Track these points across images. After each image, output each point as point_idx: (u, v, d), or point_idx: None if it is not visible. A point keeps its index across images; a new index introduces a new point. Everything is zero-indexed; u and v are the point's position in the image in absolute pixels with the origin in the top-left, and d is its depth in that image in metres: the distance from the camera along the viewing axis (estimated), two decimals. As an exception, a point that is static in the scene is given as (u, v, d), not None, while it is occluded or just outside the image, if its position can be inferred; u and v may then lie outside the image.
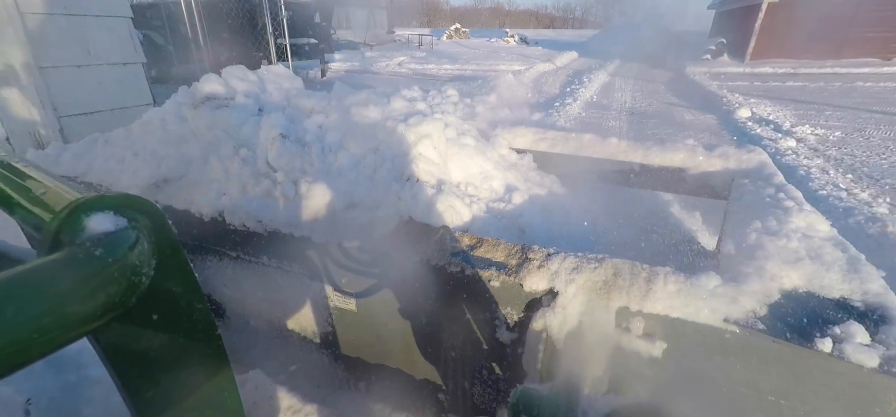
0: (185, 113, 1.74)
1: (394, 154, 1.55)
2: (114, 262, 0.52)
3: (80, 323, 0.48)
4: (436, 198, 1.44)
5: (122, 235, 0.56)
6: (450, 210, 1.43)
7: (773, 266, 1.09)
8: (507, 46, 27.59)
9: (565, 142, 2.24)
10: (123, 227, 0.57)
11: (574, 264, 1.11)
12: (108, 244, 0.53)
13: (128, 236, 0.56)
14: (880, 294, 1.02)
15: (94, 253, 0.50)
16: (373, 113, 1.69)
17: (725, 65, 15.94)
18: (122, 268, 0.53)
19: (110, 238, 0.54)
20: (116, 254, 0.53)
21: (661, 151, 2.07)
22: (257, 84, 2.00)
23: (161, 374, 0.68)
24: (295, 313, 1.60)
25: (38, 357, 0.45)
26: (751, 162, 1.91)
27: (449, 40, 33.92)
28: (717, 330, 0.96)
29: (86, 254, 0.50)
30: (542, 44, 29.49)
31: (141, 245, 0.57)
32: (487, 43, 30.32)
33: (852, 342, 0.88)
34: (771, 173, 1.76)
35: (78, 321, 0.47)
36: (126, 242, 0.55)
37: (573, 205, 1.97)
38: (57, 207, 0.57)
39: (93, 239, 0.52)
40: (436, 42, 30.10)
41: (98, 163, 1.86)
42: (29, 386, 1.65)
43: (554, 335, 1.07)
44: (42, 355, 0.45)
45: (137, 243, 0.56)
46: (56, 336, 0.45)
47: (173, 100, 1.89)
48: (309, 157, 1.53)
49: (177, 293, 0.67)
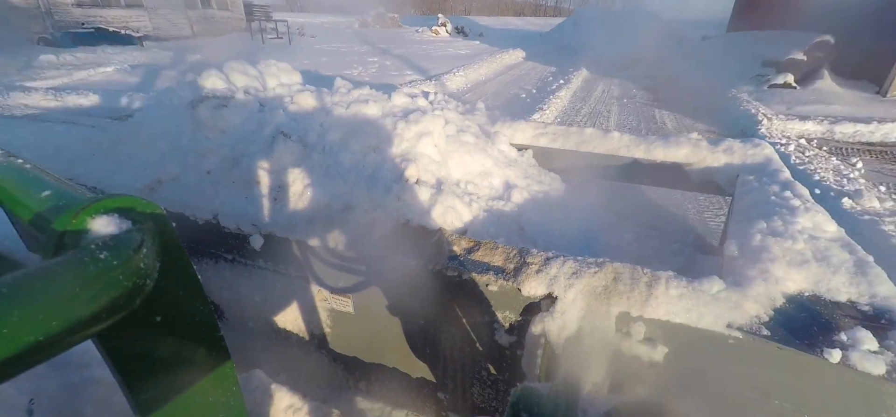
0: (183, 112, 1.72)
1: (394, 152, 1.53)
2: (119, 265, 0.51)
3: (86, 326, 0.48)
4: (436, 198, 1.42)
5: (126, 237, 0.55)
6: (450, 211, 1.40)
7: (779, 269, 1.07)
8: (434, 38, 19.56)
9: (566, 138, 2.20)
10: (128, 229, 0.57)
11: (573, 268, 1.09)
12: (113, 246, 0.52)
13: (132, 238, 0.56)
14: (889, 297, 0.99)
15: (99, 256, 0.50)
16: (373, 110, 1.67)
17: (836, 101, 6.71)
18: (127, 271, 0.53)
19: (115, 240, 0.54)
20: (121, 257, 0.52)
21: (664, 147, 2.03)
22: (258, 79, 1.98)
23: (164, 375, 0.69)
24: (294, 315, 1.59)
25: (43, 360, 0.45)
26: (756, 157, 1.87)
27: (359, 29, 23.95)
28: (721, 336, 0.94)
29: (91, 257, 0.49)
30: (489, 34, 21.66)
31: (145, 247, 0.57)
32: (405, 34, 20.99)
33: (860, 349, 0.85)
34: (777, 169, 1.72)
35: (83, 324, 0.47)
36: (131, 245, 0.55)
37: (573, 203, 1.95)
38: (61, 209, 0.57)
39: (98, 242, 0.52)
40: (312, 33, 18.94)
41: (95, 164, 1.85)
42: (32, 386, 1.66)
43: (553, 340, 1.06)
44: (47, 357, 0.45)
45: (142, 245, 0.56)
46: (61, 339, 0.45)
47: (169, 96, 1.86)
48: (309, 160, 1.50)
49: (180, 294, 0.67)
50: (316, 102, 1.76)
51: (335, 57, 12.26)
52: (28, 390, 1.65)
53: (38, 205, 0.64)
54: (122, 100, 4.63)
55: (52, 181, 0.68)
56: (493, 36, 20.95)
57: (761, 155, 1.88)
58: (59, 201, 0.63)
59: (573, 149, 2.16)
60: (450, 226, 1.40)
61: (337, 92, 1.85)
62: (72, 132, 3.19)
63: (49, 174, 0.73)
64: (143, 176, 1.64)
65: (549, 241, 1.57)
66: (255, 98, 1.73)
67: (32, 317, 0.42)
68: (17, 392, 1.65)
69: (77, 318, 0.46)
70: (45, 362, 0.45)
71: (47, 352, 0.45)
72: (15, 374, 0.43)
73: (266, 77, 2.06)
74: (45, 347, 0.44)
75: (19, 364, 0.42)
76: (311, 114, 1.67)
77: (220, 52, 11.92)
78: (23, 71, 8.44)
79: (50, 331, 0.43)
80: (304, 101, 1.73)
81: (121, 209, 0.59)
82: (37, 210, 0.63)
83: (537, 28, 27.36)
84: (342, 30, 23.26)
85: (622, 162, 2.10)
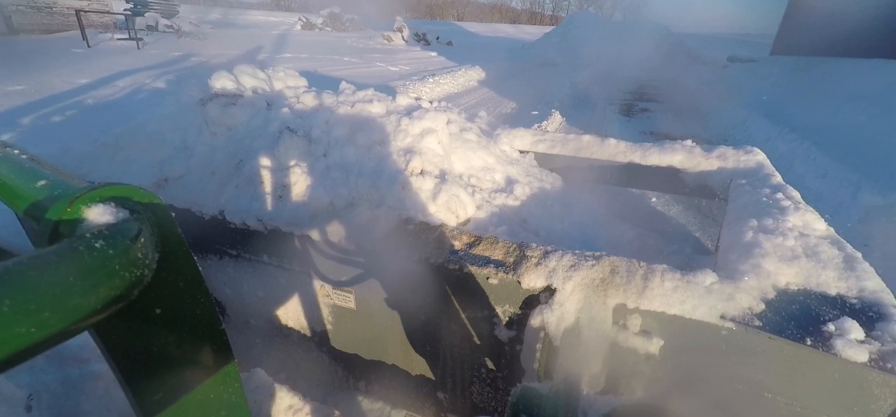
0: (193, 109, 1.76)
1: (399, 146, 1.57)
2: (115, 255, 0.50)
3: (81, 317, 0.46)
4: (440, 187, 1.46)
5: (123, 227, 0.54)
6: (454, 199, 1.44)
7: (770, 263, 1.10)
8: (388, 46, 15.72)
9: (564, 144, 2.25)
10: (125, 219, 0.55)
11: (571, 262, 1.12)
12: (110, 236, 0.50)
13: (130, 228, 0.54)
14: (876, 291, 1.02)
15: (94, 244, 0.48)
16: (378, 108, 1.72)
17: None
18: (124, 261, 0.51)
19: (112, 230, 0.52)
20: (118, 247, 0.50)
21: (659, 153, 2.08)
22: (266, 81, 2.03)
23: (164, 369, 0.67)
24: (296, 312, 1.61)
25: (37, 352, 0.43)
26: (749, 162, 1.92)
27: (301, 31, 19.64)
28: (714, 326, 0.97)
29: (86, 246, 0.48)
30: (464, 43, 18.59)
31: (143, 237, 0.55)
32: (348, 41, 16.89)
33: (847, 338, 0.88)
34: (769, 174, 1.77)
35: (78, 315, 0.45)
36: (128, 234, 0.53)
37: (574, 200, 1.99)
38: (56, 198, 0.55)
39: (93, 231, 0.50)
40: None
41: (101, 164, 1.87)
42: (30, 381, 1.66)
43: (552, 332, 1.08)
44: (41, 349, 0.44)
45: (140, 235, 0.55)
46: (55, 330, 0.43)
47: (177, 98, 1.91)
48: (315, 154, 1.54)
49: (180, 287, 0.66)
50: (321, 101, 1.81)
51: (182, 72, 7.98)
52: (27, 385, 1.65)
53: (33, 194, 0.62)
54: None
55: (47, 171, 0.67)
56: (467, 46, 17.68)
57: (753, 160, 1.93)
58: (54, 190, 0.61)
59: (571, 155, 2.22)
60: (454, 215, 1.43)
61: (342, 93, 1.91)
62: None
63: (45, 164, 0.72)
64: (150, 174, 1.67)
65: (550, 235, 1.61)
66: (263, 96, 1.78)
67: (24, 307, 0.40)
68: (16, 387, 1.65)
69: (72, 309, 0.45)
70: (39, 354, 0.44)
71: (41, 345, 0.43)
72: (8, 367, 0.41)
73: (273, 80, 2.12)
74: (37, 338, 0.42)
75: (13, 356, 0.40)
76: (316, 110, 1.71)
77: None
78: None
79: (43, 322, 0.42)
80: (310, 100, 1.78)
81: (117, 198, 0.57)
82: (32, 199, 0.62)
83: (529, 36, 24.29)
84: (267, 31, 18.25)
85: (619, 167, 2.15)
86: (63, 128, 4.78)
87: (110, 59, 9.27)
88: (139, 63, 8.94)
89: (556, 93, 8.22)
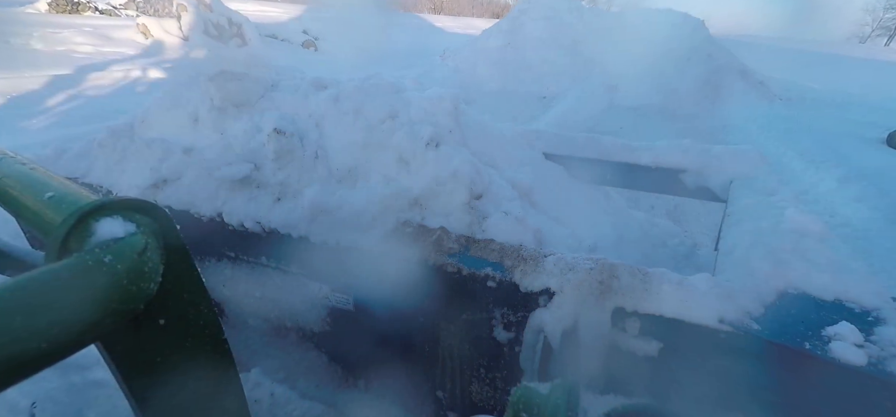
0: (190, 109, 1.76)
1: (411, 119, 1.57)
2: (123, 269, 0.51)
3: (89, 332, 0.47)
4: (452, 158, 1.45)
5: (130, 241, 0.55)
6: (466, 164, 1.43)
7: (769, 266, 1.10)
8: (131, 49, 7.62)
9: (560, 144, 2.25)
10: (132, 232, 0.56)
11: (569, 264, 1.12)
12: (118, 250, 0.52)
13: (137, 242, 0.55)
14: (874, 295, 1.03)
15: (103, 259, 0.50)
16: (386, 84, 1.72)
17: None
18: (132, 275, 0.52)
19: (119, 244, 0.53)
20: (126, 261, 0.52)
21: (659, 153, 2.07)
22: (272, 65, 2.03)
23: (167, 378, 0.68)
24: (293, 312, 1.61)
25: (46, 366, 0.44)
26: (749, 163, 1.92)
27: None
28: (712, 330, 0.97)
29: (95, 261, 0.49)
30: (336, 45, 11.89)
31: (149, 250, 0.57)
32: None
33: (844, 342, 0.88)
34: (768, 175, 1.78)
35: (87, 329, 0.47)
36: (135, 248, 0.55)
37: (576, 190, 2.00)
38: (64, 211, 0.56)
39: (102, 246, 0.51)
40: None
41: (99, 164, 1.87)
42: (34, 389, 1.67)
43: (550, 335, 1.09)
44: (51, 363, 0.45)
45: (146, 249, 0.56)
46: (65, 344, 0.44)
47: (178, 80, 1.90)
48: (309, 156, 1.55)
49: (184, 298, 0.67)
50: (327, 83, 1.81)
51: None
52: (30, 393, 1.67)
53: (41, 206, 0.63)
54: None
55: (54, 182, 0.67)
56: (341, 50, 10.39)
57: (753, 161, 1.93)
58: (62, 203, 0.62)
59: (569, 155, 2.21)
60: (467, 188, 1.40)
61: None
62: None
63: (51, 174, 0.72)
64: (147, 175, 1.67)
65: (555, 224, 1.61)
66: (269, 77, 1.78)
67: (36, 325, 0.41)
68: (20, 394, 1.66)
69: (81, 324, 0.46)
70: (48, 367, 0.45)
71: (50, 359, 0.44)
72: (18, 381, 0.42)
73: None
74: (48, 353, 0.43)
75: (23, 371, 0.42)
76: (325, 89, 1.71)
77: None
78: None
79: (53, 338, 0.43)
80: (317, 82, 1.79)
81: (124, 211, 0.58)
82: (39, 211, 0.63)
83: (467, 32, 18.14)
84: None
85: (618, 168, 2.15)
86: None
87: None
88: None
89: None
